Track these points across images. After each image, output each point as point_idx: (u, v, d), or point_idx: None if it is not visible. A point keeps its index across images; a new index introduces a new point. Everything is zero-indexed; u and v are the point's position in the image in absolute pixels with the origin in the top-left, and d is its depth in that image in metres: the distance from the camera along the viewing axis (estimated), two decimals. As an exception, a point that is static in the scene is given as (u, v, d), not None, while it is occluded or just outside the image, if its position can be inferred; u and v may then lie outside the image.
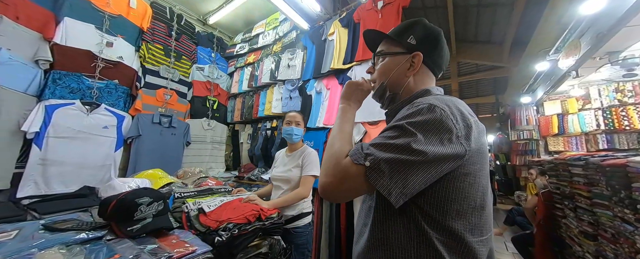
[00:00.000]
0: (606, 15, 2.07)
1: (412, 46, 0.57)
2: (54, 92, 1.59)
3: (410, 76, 0.57)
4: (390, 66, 0.59)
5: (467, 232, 0.43)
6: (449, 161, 0.42)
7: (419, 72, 0.57)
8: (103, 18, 1.89)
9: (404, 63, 0.57)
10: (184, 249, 0.81)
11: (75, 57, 1.70)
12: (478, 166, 0.46)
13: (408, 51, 0.57)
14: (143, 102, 2.07)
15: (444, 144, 0.42)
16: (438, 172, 0.42)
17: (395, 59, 0.58)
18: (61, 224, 0.84)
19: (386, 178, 0.41)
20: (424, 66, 0.58)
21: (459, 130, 0.43)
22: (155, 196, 0.95)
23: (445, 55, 0.60)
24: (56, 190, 1.51)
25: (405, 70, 0.57)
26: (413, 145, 0.41)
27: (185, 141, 2.33)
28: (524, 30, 4.51)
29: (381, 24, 1.86)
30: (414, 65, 0.56)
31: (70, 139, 1.62)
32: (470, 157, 0.44)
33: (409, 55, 0.57)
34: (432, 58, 0.58)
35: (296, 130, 1.43)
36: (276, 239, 1.22)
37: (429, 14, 5.03)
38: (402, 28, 0.60)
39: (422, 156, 0.41)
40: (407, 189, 0.41)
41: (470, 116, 0.48)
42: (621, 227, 1.28)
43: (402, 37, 0.58)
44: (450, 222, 0.43)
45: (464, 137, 0.43)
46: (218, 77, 2.85)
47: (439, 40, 0.59)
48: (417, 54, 0.56)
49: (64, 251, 0.71)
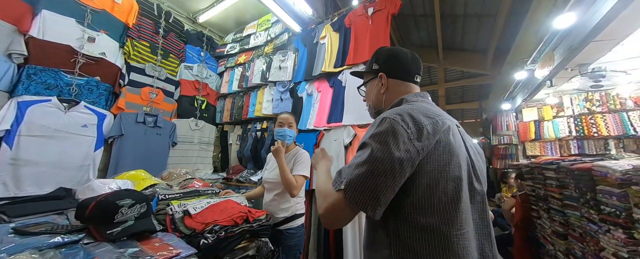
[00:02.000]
0: (577, 30, 2.24)
1: (376, 70, 0.69)
2: (28, 88, 1.50)
3: (384, 92, 0.68)
4: (369, 91, 0.73)
5: (443, 225, 0.46)
6: (406, 161, 0.46)
7: (390, 87, 0.68)
8: (85, 12, 1.81)
9: (377, 85, 0.69)
10: (167, 253, 0.79)
11: (53, 51, 1.62)
12: (442, 161, 0.49)
13: (375, 75, 0.69)
14: (127, 100, 2.00)
15: (398, 148, 0.46)
16: (401, 174, 0.46)
17: (370, 85, 0.72)
18: (33, 228, 0.80)
19: (359, 194, 0.47)
20: (392, 79, 0.68)
21: (411, 133, 0.48)
22: (137, 197, 0.92)
23: (407, 61, 0.69)
24: (28, 192, 1.42)
25: (379, 89, 0.69)
26: (372, 155, 0.47)
27: (171, 141, 2.26)
28: (505, 40, 4.78)
29: (371, 30, 1.91)
30: (383, 83, 0.67)
31: (46, 138, 1.54)
32: (429, 155, 0.48)
33: (377, 78, 0.69)
34: (395, 71, 0.68)
35: (289, 132, 1.43)
36: (264, 241, 1.21)
37: (418, 22, 5.22)
38: (369, 60, 0.74)
39: (382, 164, 0.46)
40: (379, 200, 0.46)
41: (426, 118, 0.52)
42: (587, 226, 1.38)
43: (370, 67, 0.72)
44: (424, 218, 0.46)
45: (415, 138, 0.48)
46: (207, 76, 2.80)
47: (395, 54, 0.70)
48: (381, 74, 0.68)
49: (36, 255, 0.67)
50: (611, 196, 1.20)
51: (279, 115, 1.54)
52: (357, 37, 1.99)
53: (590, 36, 2.07)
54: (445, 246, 0.45)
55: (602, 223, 1.26)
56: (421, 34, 5.73)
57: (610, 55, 2.38)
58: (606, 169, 1.21)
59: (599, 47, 2.20)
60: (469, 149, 0.57)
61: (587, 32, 2.06)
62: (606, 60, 2.49)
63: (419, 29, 5.50)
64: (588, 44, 2.14)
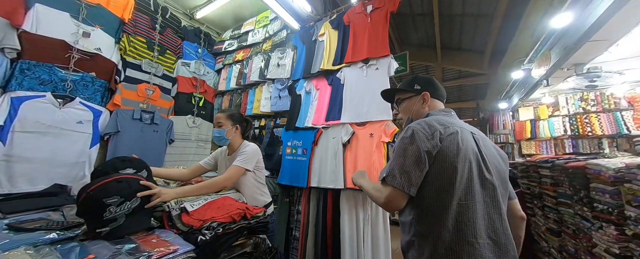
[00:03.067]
0: (573, 30, 2.26)
1: (419, 89, 0.87)
2: (21, 84, 1.47)
3: (426, 106, 0.86)
4: (408, 105, 0.90)
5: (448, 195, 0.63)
6: (425, 151, 0.66)
7: (430, 103, 0.86)
8: (80, 7, 1.78)
9: (419, 101, 0.87)
10: (165, 249, 0.78)
11: (47, 46, 1.59)
12: (451, 154, 0.65)
13: (417, 93, 0.88)
14: (123, 97, 1.97)
15: (420, 144, 0.67)
16: (423, 160, 0.65)
17: (410, 101, 0.90)
18: (28, 224, 0.79)
19: (398, 178, 0.66)
20: (432, 98, 0.87)
21: (427, 134, 0.68)
22: (126, 194, 0.83)
23: (438, 86, 0.90)
24: (22, 189, 1.39)
25: (421, 106, 0.87)
26: (405, 152, 0.68)
27: (168, 138, 2.24)
28: (502, 40, 4.81)
29: (370, 28, 1.91)
30: (426, 100, 0.86)
31: (40, 134, 1.51)
32: (441, 149, 0.66)
33: (419, 96, 0.87)
34: (433, 92, 0.87)
35: (216, 132, 1.39)
36: (262, 238, 1.21)
37: (417, 21, 5.22)
38: (409, 81, 0.92)
39: (410, 154, 0.66)
40: (412, 181, 0.65)
41: (439, 125, 0.70)
42: (581, 223, 1.41)
43: (411, 86, 0.90)
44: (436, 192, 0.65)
45: (430, 138, 0.67)
46: (205, 73, 2.77)
47: (433, 82, 0.91)
48: (425, 93, 0.86)
49: (31, 251, 0.66)
50: (604, 194, 1.22)
51: None
52: (356, 35, 1.99)
53: (586, 36, 2.09)
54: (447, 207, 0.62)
55: (595, 220, 1.28)
56: (419, 33, 5.73)
57: (605, 56, 2.41)
58: (599, 168, 1.23)
59: (594, 47, 2.22)
60: (481, 148, 0.71)
61: (583, 32, 2.08)
62: (601, 60, 2.53)
63: (417, 28, 5.51)
64: (584, 44, 2.17)
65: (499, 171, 0.71)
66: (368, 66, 1.88)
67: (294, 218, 2.07)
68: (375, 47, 1.83)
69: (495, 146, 0.79)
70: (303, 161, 1.99)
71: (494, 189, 0.65)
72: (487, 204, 0.64)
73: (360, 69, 1.91)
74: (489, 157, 0.71)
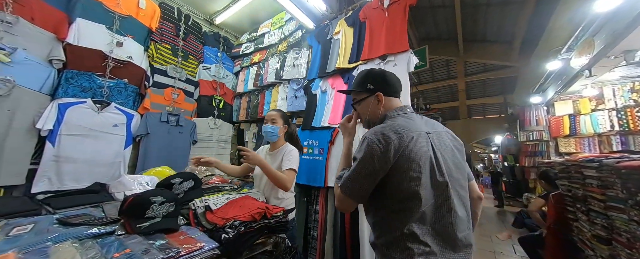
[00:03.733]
0: (622, 13, 2.00)
1: (372, 89, 0.84)
2: (66, 91, 1.63)
3: (381, 107, 0.84)
4: (364, 107, 0.87)
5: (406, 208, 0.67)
6: (380, 167, 0.67)
7: (385, 102, 0.84)
8: (113, 18, 1.93)
9: (374, 102, 0.84)
10: (192, 246, 0.82)
11: (87, 56, 1.75)
12: (404, 167, 0.67)
13: (371, 93, 0.84)
14: (151, 101, 2.11)
15: (374, 159, 0.68)
16: (376, 175, 0.69)
17: (365, 102, 0.86)
18: (74, 219, 0.87)
19: (349, 189, 0.72)
20: (386, 97, 0.84)
21: (382, 148, 0.68)
22: (168, 197, 0.98)
23: (393, 82, 0.86)
24: (68, 186, 1.55)
25: (376, 107, 0.84)
26: (359, 163, 0.70)
27: (191, 139, 2.36)
28: (534, 29, 4.41)
29: (387, 22, 1.84)
30: (380, 100, 0.83)
31: (82, 136, 1.67)
32: (395, 163, 0.67)
33: (373, 96, 0.84)
34: (387, 90, 0.84)
35: (269, 127, 1.45)
36: (281, 237, 1.22)
37: (437, 13, 4.97)
38: (361, 79, 0.88)
39: (364, 168, 0.69)
40: (362, 193, 0.71)
41: (395, 134, 0.70)
42: (638, 231, 1.24)
43: (363, 86, 0.86)
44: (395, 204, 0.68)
45: (385, 152, 0.67)
46: (224, 76, 2.88)
47: (385, 76, 0.86)
48: (378, 93, 0.83)
49: (77, 244, 0.73)
50: (668, 198, 1.06)
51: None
52: (373, 31, 1.93)
53: (638, 20, 1.83)
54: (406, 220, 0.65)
55: (656, 228, 1.11)
56: (439, 26, 5.46)
57: (664, 40, 2.09)
58: (662, 168, 1.07)
59: (650, 30, 1.94)
60: (436, 150, 0.72)
61: (635, 15, 1.83)
62: (658, 45, 2.20)
63: (436, 21, 5.25)
64: (636, 28, 1.90)
65: (455, 164, 0.76)
66: (385, 63, 1.82)
67: (311, 218, 2.07)
68: (393, 43, 1.77)
69: (451, 136, 0.82)
70: (320, 160, 1.98)
71: (446, 187, 0.69)
72: (438, 204, 0.68)
73: (378, 66, 1.85)
74: (443, 155, 0.74)
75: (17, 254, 0.63)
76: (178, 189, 1.20)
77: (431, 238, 0.65)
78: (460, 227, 0.68)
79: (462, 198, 0.73)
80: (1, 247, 0.66)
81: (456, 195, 0.71)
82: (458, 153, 0.79)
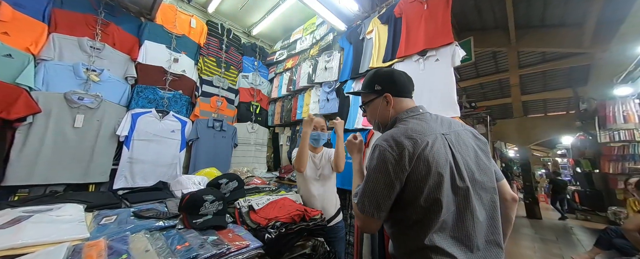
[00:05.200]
0: None
1: (380, 90, 0.80)
2: (137, 103, 1.94)
3: (390, 109, 0.79)
4: (373, 109, 0.83)
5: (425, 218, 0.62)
6: (396, 178, 0.63)
7: (395, 103, 0.79)
8: (171, 38, 2.23)
9: (382, 103, 0.80)
10: (240, 243, 0.87)
11: (152, 72, 2.05)
12: (422, 173, 0.62)
13: (379, 94, 0.81)
14: (200, 109, 2.36)
15: (389, 169, 0.63)
16: (394, 186, 0.63)
17: (374, 104, 0.83)
18: (145, 213, 1.00)
19: (367, 206, 0.66)
20: (395, 97, 0.79)
21: (395, 157, 0.63)
22: (218, 196, 1.07)
23: (403, 81, 0.81)
24: (139, 184, 1.82)
25: (385, 108, 0.80)
26: (373, 177, 0.65)
27: (233, 143, 2.56)
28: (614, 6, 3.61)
29: (426, 15, 1.72)
30: (389, 101, 0.79)
31: (148, 141, 1.95)
32: (412, 172, 0.63)
33: (381, 97, 0.80)
34: (396, 90, 0.79)
35: (322, 135, 1.53)
36: (320, 241, 1.21)
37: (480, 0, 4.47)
38: (369, 80, 0.84)
39: (379, 181, 0.64)
40: (381, 207, 0.65)
41: (408, 139, 0.65)
42: None
43: (371, 88, 0.82)
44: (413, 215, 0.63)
45: (399, 160, 0.63)
46: (260, 83, 3.06)
47: (393, 76, 0.81)
48: (387, 94, 0.79)
49: (148, 235, 0.83)
50: None
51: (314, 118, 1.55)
52: (410, 26, 1.82)
53: None
54: (427, 230, 0.61)
55: None
56: (483, 14, 4.89)
57: None
58: None
59: None
60: (455, 153, 0.67)
61: None
62: None
63: (480, 8, 4.71)
64: None
65: (478, 165, 0.70)
66: (425, 59, 1.69)
67: (347, 222, 2.02)
68: (434, 36, 1.63)
69: (472, 135, 0.76)
70: (355, 163, 1.93)
71: (467, 192, 0.64)
72: (459, 211, 0.63)
73: (416, 62, 1.73)
74: (464, 156, 0.69)
75: (106, 241, 0.76)
76: (224, 189, 1.30)
77: (455, 248, 0.61)
78: (483, 232, 0.64)
79: (485, 202, 0.68)
80: (94, 234, 0.79)
81: (478, 200, 0.66)
82: (481, 153, 0.73)
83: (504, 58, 6.29)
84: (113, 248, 0.72)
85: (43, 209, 0.88)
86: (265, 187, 1.61)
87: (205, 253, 0.76)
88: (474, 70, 7.19)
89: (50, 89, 1.56)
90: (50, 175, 1.49)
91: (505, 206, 0.75)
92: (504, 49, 5.65)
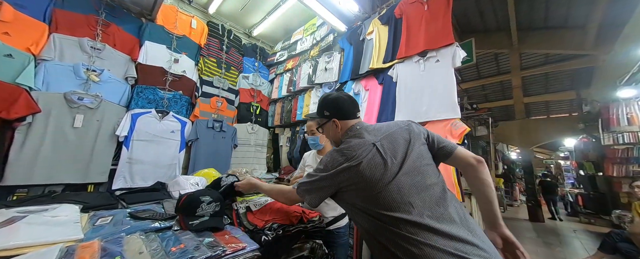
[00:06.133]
0: None
1: (329, 116, 0.95)
2: (137, 103, 1.94)
3: (339, 130, 0.94)
4: (327, 131, 0.99)
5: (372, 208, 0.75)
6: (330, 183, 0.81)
7: (342, 125, 0.93)
8: (172, 39, 2.24)
9: (333, 126, 0.95)
10: (236, 245, 0.85)
11: (152, 73, 2.05)
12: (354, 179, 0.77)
13: (328, 119, 0.95)
14: (200, 109, 2.36)
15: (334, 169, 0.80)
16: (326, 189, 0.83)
17: (327, 127, 0.97)
18: (141, 214, 0.99)
19: (304, 193, 0.88)
20: (342, 121, 0.93)
21: (340, 162, 0.80)
22: (215, 197, 1.05)
23: (347, 106, 0.94)
24: (138, 184, 1.82)
25: (335, 130, 0.94)
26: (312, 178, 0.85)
27: (233, 143, 2.55)
28: (617, 8, 3.58)
29: (427, 16, 1.71)
30: (338, 125, 0.93)
31: (148, 141, 1.94)
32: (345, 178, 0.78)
33: (330, 122, 0.94)
34: (341, 114, 0.93)
35: (311, 139, 1.45)
36: (318, 243, 1.20)
37: (482, 1, 4.45)
38: (319, 107, 0.99)
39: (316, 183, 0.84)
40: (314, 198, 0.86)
41: (341, 155, 0.81)
42: None
43: (322, 114, 0.97)
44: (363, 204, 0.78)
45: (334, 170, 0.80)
46: (260, 84, 3.06)
47: (338, 102, 0.95)
48: (334, 120, 0.93)
49: (143, 237, 0.82)
50: None
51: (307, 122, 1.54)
52: (410, 27, 1.81)
53: None
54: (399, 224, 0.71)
55: None
56: (485, 15, 4.87)
57: None
58: None
59: None
60: (386, 157, 0.78)
61: None
62: None
63: (482, 10, 4.70)
64: None
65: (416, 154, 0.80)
66: (426, 59, 1.68)
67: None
68: (435, 37, 1.62)
69: (404, 130, 0.86)
70: (355, 165, 1.91)
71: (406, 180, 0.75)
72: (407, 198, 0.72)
73: (416, 63, 1.72)
74: (395, 155, 0.79)
75: (100, 242, 0.74)
76: (225, 181, 1.28)
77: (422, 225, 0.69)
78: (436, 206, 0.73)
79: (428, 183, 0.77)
80: (89, 235, 0.78)
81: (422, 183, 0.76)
82: (416, 143, 0.83)
83: (506, 60, 6.26)
84: (107, 249, 0.71)
85: (38, 209, 0.87)
86: (263, 189, 1.59)
87: (200, 255, 0.75)
88: (476, 72, 7.16)
89: (51, 89, 1.57)
90: (49, 175, 1.49)
91: (473, 170, 0.80)
92: (505, 50, 5.62)
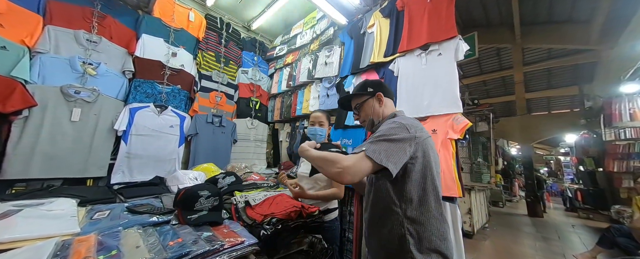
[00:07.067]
0: None
1: (372, 92, 0.96)
2: (135, 97, 1.91)
3: (382, 106, 0.95)
4: (367, 107, 0.97)
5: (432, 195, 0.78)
6: (409, 141, 0.75)
7: (385, 102, 0.95)
8: (169, 32, 2.20)
9: (375, 103, 0.95)
10: (234, 239, 0.85)
11: (150, 67, 2.02)
12: (427, 149, 0.78)
13: (372, 95, 0.96)
14: (199, 104, 2.34)
15: (407, 133, 0.76)
16: (407, 150, 0.74)
17: (367, 104, 0.96)
18: (139, 208, 0.99)
19: (378, 154, 0.70)
20: (385, 98, 0.95)
21: (410, 127, 0.77)
22: (213, 191, 1.05)
23: (389, 88, 1.00)
24: (136, 178, 1.81)
25: (378, 107, 0.95)
26: (393, 137, 0.75)
27: (232, 138, 2.54)
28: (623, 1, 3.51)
29: (430, 8, 1.66)
30: (381, 100, 0.94)
31: (146, 136, 1.93)
32: (418, 144, 0.76)
33: (374, 97, 0.95)
34: (385, 91, 0.96)
35: (319, 130, 1.43)
36: (318, 237, 1.20)
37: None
38: (360, 86, 1.00)
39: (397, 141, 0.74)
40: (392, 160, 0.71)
41: (417, 123, 0.82)
42: None
43: (364, 90, 0.98)
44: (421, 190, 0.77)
45: (412, 130, 0.77)
46: (260, 79, 3.03)
47: (382, 83, 0.99)
48: (379, 93, 0.95)
49: (140, 231, 0.82)
50: None
51: (312, 113, 1.52)
52: (412, 20, 1.77)
53: None
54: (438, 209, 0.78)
55: None
56: (488, 10, 4.77)
57: None
58: None
59: None
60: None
61: None
62: None
63: (485, 4, 4.60)
64: None
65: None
66: (428, 53, 1.64)
67: (346, 219, 2.00)
68: (438, 30, 1.58)
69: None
70: (354, 160, 1.90)
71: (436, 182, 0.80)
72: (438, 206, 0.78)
73: (418, 57, 1.69)
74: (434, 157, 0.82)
75: (97, 236, 0.74)
76: (221, 183, 1.28)
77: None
78: None
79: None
80: (86, 229, 0.77)
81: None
82: None
83: (508, 55, 6.17)
84: (103, 243, 0.71)
85: (34, 203, 0.86)
86: (263, 183, 1.59)
87: (198, 249, 0.74)
88: (478, 67, 7.08)
89: (47, 82, 1.54)
90: (47, 169, 1.49)
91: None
92: (508, 45, 5.53)
